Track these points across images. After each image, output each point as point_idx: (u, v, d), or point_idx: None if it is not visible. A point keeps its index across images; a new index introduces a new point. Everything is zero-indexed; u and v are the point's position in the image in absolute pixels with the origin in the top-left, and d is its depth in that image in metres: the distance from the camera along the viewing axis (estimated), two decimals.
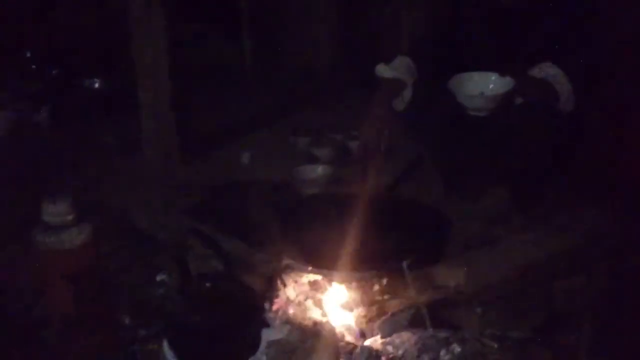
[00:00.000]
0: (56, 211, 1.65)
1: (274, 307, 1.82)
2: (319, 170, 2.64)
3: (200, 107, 3.20)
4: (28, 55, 3.82)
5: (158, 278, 2.04)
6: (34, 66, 3.79)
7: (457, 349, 1.68)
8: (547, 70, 2.18)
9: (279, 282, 1.86)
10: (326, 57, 3.66)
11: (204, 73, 3.43)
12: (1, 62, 3.64)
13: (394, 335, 1.74)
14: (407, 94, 2.29)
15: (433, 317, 1.78)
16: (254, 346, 1.68)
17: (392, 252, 1.85)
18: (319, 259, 1.85)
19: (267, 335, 1.71)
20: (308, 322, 1.78)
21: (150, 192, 2.59)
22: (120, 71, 3.27)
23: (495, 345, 1.73)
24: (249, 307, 1.73)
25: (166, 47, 2.72)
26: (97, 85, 3.65)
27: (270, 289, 1.85)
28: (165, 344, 1.68)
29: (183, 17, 2.99)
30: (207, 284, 1.73)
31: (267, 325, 1.74)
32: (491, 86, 2.18)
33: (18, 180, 2.57)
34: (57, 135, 3.22)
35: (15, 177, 2.62)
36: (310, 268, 1.85)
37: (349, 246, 1.85)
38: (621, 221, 2.24)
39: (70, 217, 1.67)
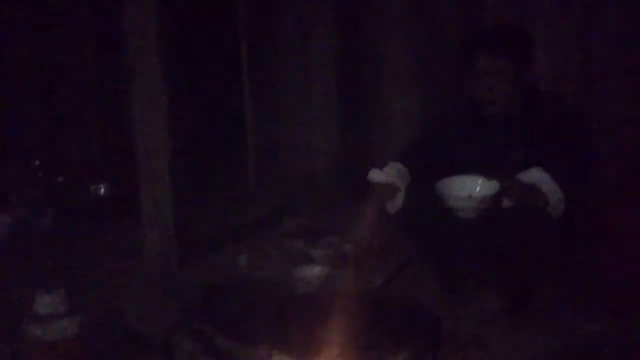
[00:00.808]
0: (48, 302, 1.68)
1: None
2: (316, 270, 2.66)
3: (200, 213, 3.27)
4: (37, 163, 3.95)
5: None
6: (40, 174, 3.91)
7: None
8: (535, 175, 2.24)
9: None
10: (324, 165, 3.78)
11: (205, 182, 3.54)
12: (9, 170, 3.76)
13: None
14: (400, 198, 2.37)
15: None
16: None
17: (384, 350, 1.84)
18: (310, 355, 1.84)
19: None
20: None
21: (148, 293, 2.61)
22: (125, 178, 3.39)
23: None
24: None
25: (168, 158, 2.83)
26: (102, 191, 3.75)
27: None
28: None
29: (188, 119, 3.12)
30: None
31: None
32: (478, 189, 2.26)
33: (15, 281, 2.59)
34: (59, 240, 3.27)
35: (12, 278, 2.65)
36: None
37: (341, 344, 1.85)
38: (613, 325, 2.24)
39: (62, 309, 1.69)
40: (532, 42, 2.40)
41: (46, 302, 1.68)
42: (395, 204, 2.35)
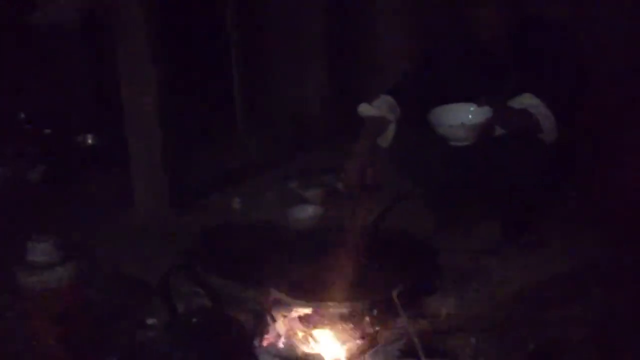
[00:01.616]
0: (41, 250, 1.65)
1: (264, 343, 1.80)
2: (310, 210, 2.66)
3: (191, 156, 3.23)
4: (22, 116, 3.88)
5: (149, 322, 2.02)
6: (28, 126, 3.85)
7: None
8: (527, 102, 2.21)
9: (268, 317, 1.85)
10: (316, 102, 3.72)
11: (195, 122, 3.48)
12: None
13: None
14: (391, 131, 2.33)
15: (426, 347, 1.75)
16: None
17: (381, 283, 1.84)
18: (308, 293, 1.84)
19: None
20: (298, 357, 1.76)
21: (141, 241, 2.60)
22: (114, 126, 3.34)
23: None
24: (237, 342, 1.72)
25: (157, 96, 2.77)
26: (89, 141, 3.70)
27: (260, 325, 1.83)
28: None
29: (174, 65, 3.05)
30: (194, 320, 1.71)
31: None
32: (470, 116, 2.24)
33: (7, 231, 2.58)
34: (50, 192, 3.25)
35: (4, 228, 2.63)
36: (298, 301, 1.84)
37: (338, 279, 1.85)
38: (614, 248, 2.24)
39: (55, 257, 1.67)
40: None
41: (39, 250, 1.66)
42: (387, 138, 2.32)
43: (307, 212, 2.67)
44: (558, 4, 2.91)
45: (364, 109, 2.32)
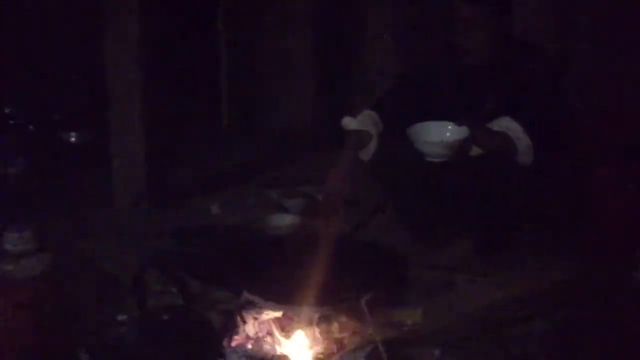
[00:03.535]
0: (18, 239, 1.67)
1: (233, 343, 1.83)
2: (287, 219, 2.69)
3: (174, 159, 3.25)
4: (7, 111, 3.88)
5: (118, 318, 2.04)
6: (11, 121, 3.85)
7: None
8: (505, 124, 2.27)
9: (238, 318, 1.87)
10: (302, 116, 3.77)
11: (180, 126, 3.51)
12: None
13: None
14: (372, 145, 2.38)
15: (390, 355, 1.79)
16: None
17: (350, 290, 1.87)
18: (279, 296, 1.86)
19: None
20: (266, 358, 1.78)
21: (118, 238, 2.61)
22: (97, 127, 3.36)
23: None
24: (206, 341, 1.74)
25: (143, 95, 2.80)
26: (73, 139, 3.70)
27: (230, 325, 1.85)
28: None
29: (162, 65, 3.08)
30: (164, 317, 1.74)
31: (224, 359, 1.73)
32: (448, 134, 2.30)
33: None
34: (30, 186, 3.25)
35: None
36: (268, 303, 1.86)
37: (309, 284, 1.87)
38: (580, 270, 2.30)
39: (30, 246, 1.69)
40: None
41: (16, 239, 1.67)
42: (368, 151, 2.37)
43: (285, 221, 2.70)
44: (543, 32, 3.02)
45: (348, 122, 2.37)
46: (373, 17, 3.65)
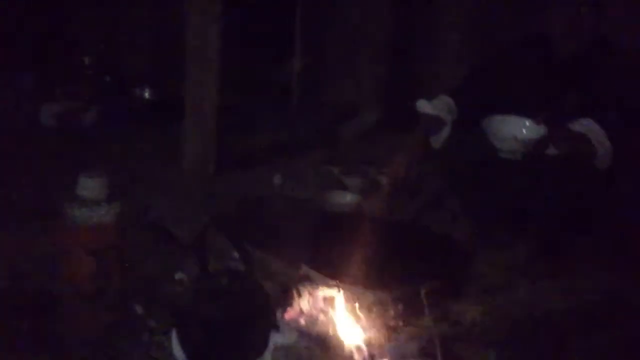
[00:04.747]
0: (91, 186, 1.70)
1: (287, 315, 1.83)
2: (347, 197, 2.68)
3: (242, 126, 3.27)
4: (86, 62, 3.98)
5: (176, 276, 2.06)
6: (90, 72, 3.94)
7: None
8: (587, 126, 2.19)
9: (294, 291, 1.87)
10: (369, 94, 3.74)
11: (251, 94, 3.53)
12: (60, 65, 3.80)
13: None
14: (445, 132, 2.33)
15: (445, 351, 1.76)
16: (262, 348, 1.68)
17: (411, 278, 1.85)
18: (339, 274, 1.85)
19: (276, 340, 1.71)
20: (318, 335, 1.78)
21: (182, 197, 2.64)
22: (172, 86, 3.40)
23: None
24: (262, 309, 1.74)
25: (219, 61, 2.81)
26: (147, 94, 3.77)
27: (286, 297, 1.85)
28: (173, 336, 1.69)
29: (237, 37, 3.10)
30: (224, 281, 1.74)
31: (277, 330, 1.73)
32: (524, 131, 2.23)
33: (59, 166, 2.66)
34: (102, 136, 3.33)
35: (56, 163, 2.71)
36: (327, 280, 1.85)
37: (369, 266, 1.86)
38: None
39: (103, 194, 1.71)
40: None
41: (89, 186, 1.70)
42: (441, 138, 2.32)
43: (345, 198, 2.69)
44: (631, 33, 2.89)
45: (422, 106, 2.32)
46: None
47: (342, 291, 1.85)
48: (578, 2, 2.19)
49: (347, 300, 1.86)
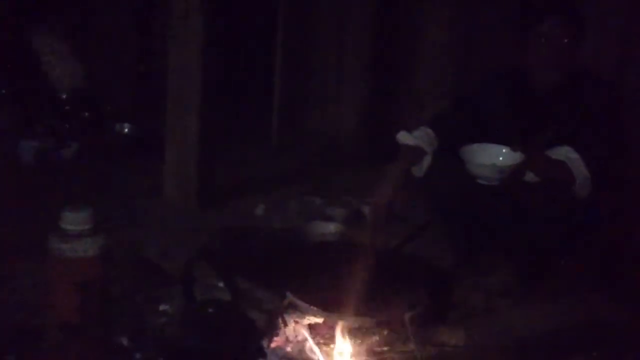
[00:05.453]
0: (75, 220, 1.70)
1: (273, 344, 1.83)
2: (331, 227, 2.69)
3: (224, 160, 3.29)
4: (64, 97, 3.98)
5: (161, 308, 2.06)
6: (67, 107, 3.94)
7: None
8: (566, 154, 2.22)
9: (280, 320, 1.88)
10: (351, 127, 3.79)
11: (232, 126, 3.56)
12: (37, 101, 3.80)
13: None
14: (427, 161, 2.36)
15: None
16: None
17: (394, 304, 1.87)
18: (323, 302, 1.86)
19: None
20: None
21: (166, 232, 2.65)
22: (151, 121, 3.42)
23: None
24: (248, 338, 1.74)
25: (200, 93, 2.84)
26: (127, 130, 3.77)
27: (272, 326, 1.86)
28: None
29: (221, 68, 3.14)
30: (210, 310, 1.75)
31: (264, 358, 1.74)
32: (501, 158, 2.27)
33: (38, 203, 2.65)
34: (81, 171, 3.32)
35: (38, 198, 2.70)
36: (312, 308, 1.86)
37: (353, 293, 1.87)
38: (623, 309, 2.24)
39: (87, 227, 1.71)
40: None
41: (72, 220, 1.70)
42: (422, 168, 2.35)
43: (327, 228, 2.70)
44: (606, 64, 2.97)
45: (403, 137, 2.35)
46: (430, 34, 3.65)
47: (327, 318, 1.87)
48: (558, 34, 2.25)
49: (333, 327, 1.87)
